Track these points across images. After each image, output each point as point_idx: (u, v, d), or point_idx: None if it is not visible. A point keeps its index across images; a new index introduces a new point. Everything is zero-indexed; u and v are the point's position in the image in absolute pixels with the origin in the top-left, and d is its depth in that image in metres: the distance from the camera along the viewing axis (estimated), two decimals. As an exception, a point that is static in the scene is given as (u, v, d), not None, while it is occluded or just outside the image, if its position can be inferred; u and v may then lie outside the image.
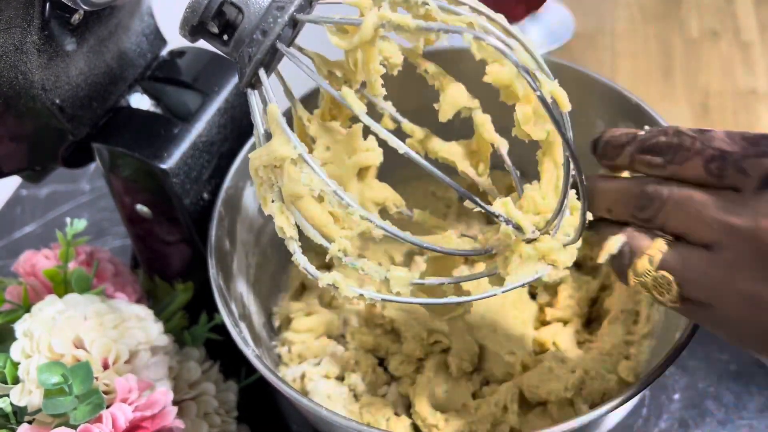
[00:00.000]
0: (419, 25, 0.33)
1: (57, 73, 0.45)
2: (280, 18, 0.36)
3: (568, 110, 0.36)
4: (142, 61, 0.53)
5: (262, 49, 0.36)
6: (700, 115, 0.84)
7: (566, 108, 0.36)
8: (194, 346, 0.53)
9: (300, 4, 0.36)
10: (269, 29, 0.36)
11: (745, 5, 0.97)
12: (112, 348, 0.45)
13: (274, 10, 0.36)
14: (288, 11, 0.36)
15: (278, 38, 0.36)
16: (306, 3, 0.36)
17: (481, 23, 0.34)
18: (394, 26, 0.34)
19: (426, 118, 0.43)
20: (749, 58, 0.91)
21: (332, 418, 0.39)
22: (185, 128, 0.50)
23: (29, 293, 0.50)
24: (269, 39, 0.36)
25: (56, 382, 0.42)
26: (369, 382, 0.52)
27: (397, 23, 0.34)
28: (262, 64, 0.36)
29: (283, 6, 0.36)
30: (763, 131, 0.34)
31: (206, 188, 0.52)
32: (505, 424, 0.48)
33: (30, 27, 0.41)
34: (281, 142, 0.35)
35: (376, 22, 0.34)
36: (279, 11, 0.36)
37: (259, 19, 0.36)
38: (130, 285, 0.55)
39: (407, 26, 0.34)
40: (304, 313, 0.57)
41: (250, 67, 0.36)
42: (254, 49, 0.36)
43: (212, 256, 0.48)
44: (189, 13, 0.37)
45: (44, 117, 0.47)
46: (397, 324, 0.54)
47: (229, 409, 0.52)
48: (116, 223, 0.73)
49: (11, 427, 0.44)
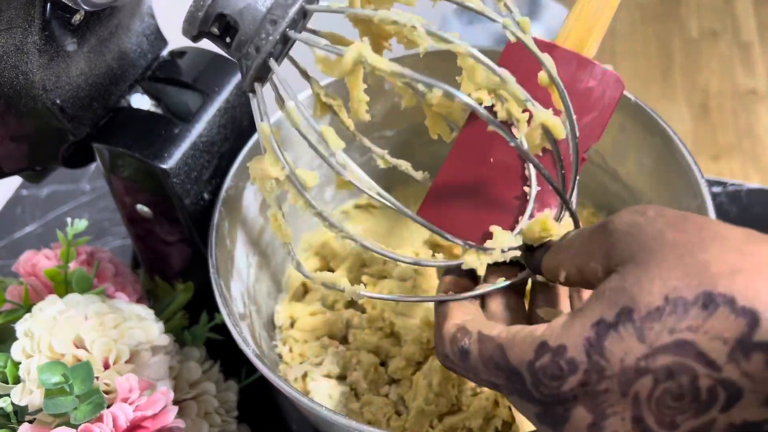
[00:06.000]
0: (394, 70, 0.34)
1: (58, 74, 0.45)
2: (271, 36, 0.36)
3: (562, 138, 0.36)
4: (143, 62, 0.53)
5: (254, 66, 0.36)
6: (700, 115, 0.84)
7: (560, 136, 0.36)
8: (195, 345, 0.53)
9: (293, 19, 0.36)
10: (261, 46, 0.36)
11: (744, 5, 0.97)
12: (113, 348, 0.45)
13: (267, 24, 0.36)
14: (279, 28, 0.36)
15: (270, 55, 0.36)
16: (299, 16, 0.37)
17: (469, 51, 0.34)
18: (369, 66, 0.34)
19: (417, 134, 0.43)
20: (749, 58, 0.91)
21: (332, 417, 0.39)
22: (186, 128, 0.51)
23: (30, 293, 0.50)
24: (260, 56, 0.36)
25: (57, 382, 0.42)
26: (370, 380, 0.53)
27: (372, 64, 0.34)
28: (257, 78, 0.37)
29: (276, 20, 0.36)
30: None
31: (206, 188, 0.53)
32: (497, 417, 0.48)
33: (31, 27, 0.42)
34: (271, 162, 0.36)
35: (356, 57, 0.34)
36: (272, 26, 0.36)
37: (254, 32, 0.36)
38: (131, 285, 0.55)
39: (382, 70, 0.34)
40: (307, 313, 0.57)
41: (247, 79, 0.37)
42: (249, 62, 0.37)
43: (213, 255, 0.48)
44: (187, 25, 0.37)
45: (45, 117, 0.47)
46: (397, 327, 0.54)
47: (230, 409, 0.52)
48: (117, 223, 0.73)
49: (12, 426, 0.44)
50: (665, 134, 0.50)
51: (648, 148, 0.52)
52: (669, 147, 0.50)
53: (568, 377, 0.29)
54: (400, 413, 0.51)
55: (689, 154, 0.49)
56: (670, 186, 0.50)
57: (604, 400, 0.28)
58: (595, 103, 0.40)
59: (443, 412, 0.49)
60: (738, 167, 1.62)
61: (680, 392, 0.27)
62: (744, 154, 1.65)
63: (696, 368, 0.26)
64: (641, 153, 0.53)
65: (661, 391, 0.27)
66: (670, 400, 0.27)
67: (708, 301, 0.26)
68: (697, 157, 0.45)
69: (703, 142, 1.66)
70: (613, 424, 0.28)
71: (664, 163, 0.50)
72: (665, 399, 0.27)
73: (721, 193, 0.70)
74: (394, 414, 0.51)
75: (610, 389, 0.28)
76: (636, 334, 0.27)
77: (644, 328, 0.27)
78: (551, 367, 0.29)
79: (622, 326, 0.28)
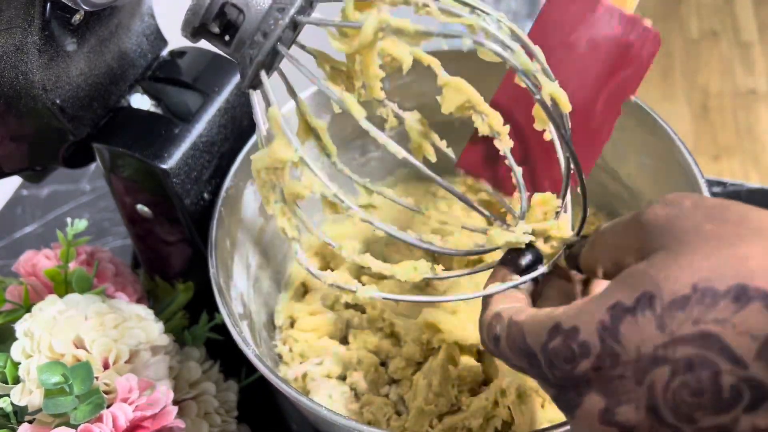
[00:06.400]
0: (418, 29, 0.33)
1: (58, 74, 0.45)
2: (281, 20, 0.36)
3: (568, 111, 0.36)
4: (143, 62, 0.53)
5: (262, 51, 0.36)
6: (700, 115, 0.84)
7: (567, 109, 0.36)
8: (195, 345, 0.53)
9: (301, 6, 0.36)
10: (270, 31, 0.36)
11: (744, 5, 0.97)
12: (113, 348, 0.45)
13: (275, 12, 0.36)
14: (288, 13, 0.36)
15: (279, 40, 0.36)
16: (307, 4, 0.36)
17: (482, 25, 0.34)
18: (393, 30, 0.34)
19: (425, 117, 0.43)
20: (749, 58, 0.91)
21: (332, 417, 0.39)
22: (186, 128, 0.51)
23: (30, 293, 0.50)
24: (270, 41, 0.36)
25: (57, 382, 0.42)
26: (371, 380, 0.53)
27: (397, 27, 0.34)
28: (263, 66, 0.36)
29: (283, 7, 0.36)
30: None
31: (207, 188, 0.53)
32: (497, 417, 0.48)
33: (31, 27, 0.42)
34: (282, 145, 0.35)
35: (376, 26, 0.34)
36: (280, 13, 0.36)
37: (260, 21, 0.36)
38: (131, 285, 0.55)
39: (407, 30, 0.34)
40: (308, 313, 0.57)
41: (251, 69, 0.36)
42: (255, 51, 0.36)
43: (213, 255, 0.48)
44: (190, 15, 0.37)
45: (45, 117, 0.47)
46: (397, 328, 0.54)
47: (230, 409, 0.52)
48: (117, 223, 0.73)
49: (12, 426, 0.44)
50: (665, 134, 0.50)
51: (648, 148, 0.52)
52: (669, 147, 0.50)
53: (580, 360, 0.28)
54: (400, 413, 0.51)
55: (689, 154, 0.49)
56: (670, 186, 0.50)
57: (619, 387, 0.27)
58: (634, 58, 0.41)
59: (443, 412, 0.49)
60: (738, 167, 1.62)
61: (699, 387, 0.26)
62: (744, 154, 1.65)
63: (719, 363, 0.25)
64: (641, 153, 0.53)
65: (678, 383, 0.26)
66: (688, 394, 0.26)
67: (741, 294, 0.25)
68: (697, 157, 0.45)
69: (703, 142, 1.66)
70: (627, 412, 0.27)
71: (664, 163, 0.50)
72: (682, 393, 0.26)
73: (721, 194, 0.70)
74: (394, 414, 0.51)
75: (625, 376, 0.27)
76: (655, 321, 0.26)
77: (665, 316, 0.26)
78: (563, 349, 0.29)
79: (640, 312, 0.27)
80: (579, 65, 0.41)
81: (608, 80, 0.41)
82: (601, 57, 0.41)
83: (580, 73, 0.41)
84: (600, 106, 0.41)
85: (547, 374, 0.30)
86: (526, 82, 0.34)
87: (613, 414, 0.28)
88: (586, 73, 0.41)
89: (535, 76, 0.35)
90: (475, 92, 0.36)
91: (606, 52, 0.40)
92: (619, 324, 0.27)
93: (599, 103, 0.41)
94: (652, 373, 0.26)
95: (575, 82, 0.41)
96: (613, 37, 0.41)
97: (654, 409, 0.27)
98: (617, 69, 0.41)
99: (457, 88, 0.35)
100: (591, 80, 0.41)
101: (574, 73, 0.41)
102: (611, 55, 0.40)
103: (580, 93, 0.41)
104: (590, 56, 0.41)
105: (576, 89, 0.41)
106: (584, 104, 0.41)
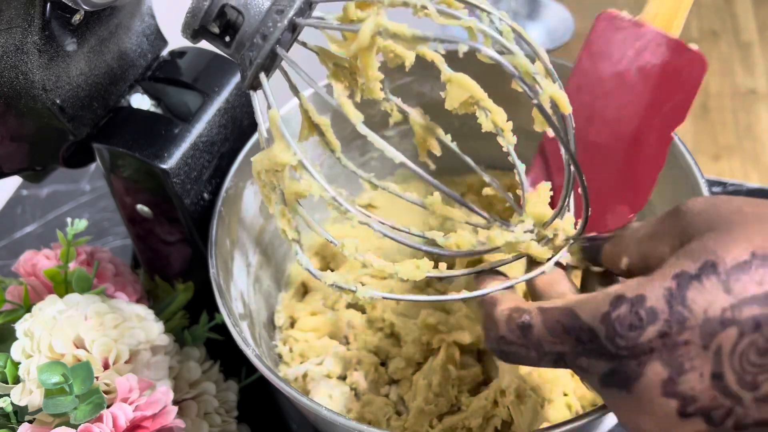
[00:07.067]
0: (415, 34, 0.33)
1: (58, 74, 0.45)
2: (279, 22, 0.36)
3: (568, 113, 0.36)
4: (143, 62, 0.53)
5: (262, 54, 0.36)
6: (700, 115, 0.84)
7: (567, 111, 0.36)
8: (194, 345, 0.53)
9: (299, 8, 0.36)
10: (269, 33, 0.36)
11: (744, 5, 0.97)
12: (113, 348, 0.45)
13: (273, 14, 0.36)
14: (287, 15, 0.36)
15: (278, 43, 0.36)
16: (306, 6, 0.36)
17: (481, 27, 0.34)
18: (390, 34, 0.34)
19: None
20: (749, 58, 0.91)
21: (332, 417, 0.39)
22: (186, 128, 0.51)
23: (30, 293, 0.50)
24: (268, 44, 0.36)
25: (57, 382, 0.42)
26: (371, 380, 0.53)
27: (394, 32, 0.34)
28: (263, 68, 0.36)
29: (282, 9, 0.36)
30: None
31: (207, 188, 0.53)
32: (497, 417, 0.48)
33: (31, 27, 0.42)
34: (281, 149, 0.35)
35: (373, 29, 0.34)
36: (278, 15, 0.36)
37: (259, 23, 0.36)
38: (131, 285, 0.55)
39: (403, 35, 0.34)
40: (308, 313, 0.57)
41: (251, 71, 0.36)
42: (254, 53, 0.36)
43: (213, 255, 0.48)
44: (190, 17, 0.37)
45: (45, 117, 0.47)
46: (397, 328, 0.54)
47: (230, 409, 0.52)
48: (117, 223, 0.73)
49: (12, 426, 0.44)
50: (665, 134, 0.50)
51: (648, 148, 0.52)
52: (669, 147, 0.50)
53: (647, 327, 0.28)
54: (400, 413, 0.51)
55: (689, 154, 0.49)
56: (670, 186, 0.50)
57: (683, 354, 0.28)
58: (683, 84, 0.40)
59: (443, 412, 0.49)
60: (738, 167, 1.63)
61: (767, 346, 0.26)
62: (744, 154, 1.65)
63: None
64: (641, 153, 0.53)
65: (746, 344, 0.26)
66: (755, 355, 0.26)
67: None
68: (697, 157, 0.45)
69: (703, 142, 1.66)
70: (690, 380, 0.27)
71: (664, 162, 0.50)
72: (749, 354, 0.26)
73: (721, 194, 0.70)
74: (394, 414, 0.51)
75: (691, 341, 0.27)
76: (722, 285, 0.27)
77: (730, 280, 0.27)
78: (629, 316, 0.29)
79: (705, 277, 0.27)
80: (631, 94, 0.40)
81: (660, 107, 0.40)
82: (652, 84, 0.40)
83: (633, 102, 0.40)
84: (654, 133, 0.40)
85: (605, 346, 0.30)
86: (523, 86, 0.33)
87: (675, 384, 0.28)
88: (638, 101, 0.40)
89: (534, 79, 0.35)
90: (479, 88, 0.35)
91: (656, 80, 0.40)
92: (686, 290, 0.28)
93: (653, 130, 0.40)
94: (720, 336, 0.27)
95: (628, 110, 0.41)
96: (662, 63, 0.40)
97: (719, 376, 0.27)
98: (668, 95, 0.40)
99: (460, 84, 0.35)
100: (643, 108, 0.40)
101: (627, 103, 0.41)
102: (662, 81, 0.39)
103: (634, 122, 0.41)
104: (641, 84, 0.40)
105: (629, 118, 0.41)
106: (638, 133, 0.41)
